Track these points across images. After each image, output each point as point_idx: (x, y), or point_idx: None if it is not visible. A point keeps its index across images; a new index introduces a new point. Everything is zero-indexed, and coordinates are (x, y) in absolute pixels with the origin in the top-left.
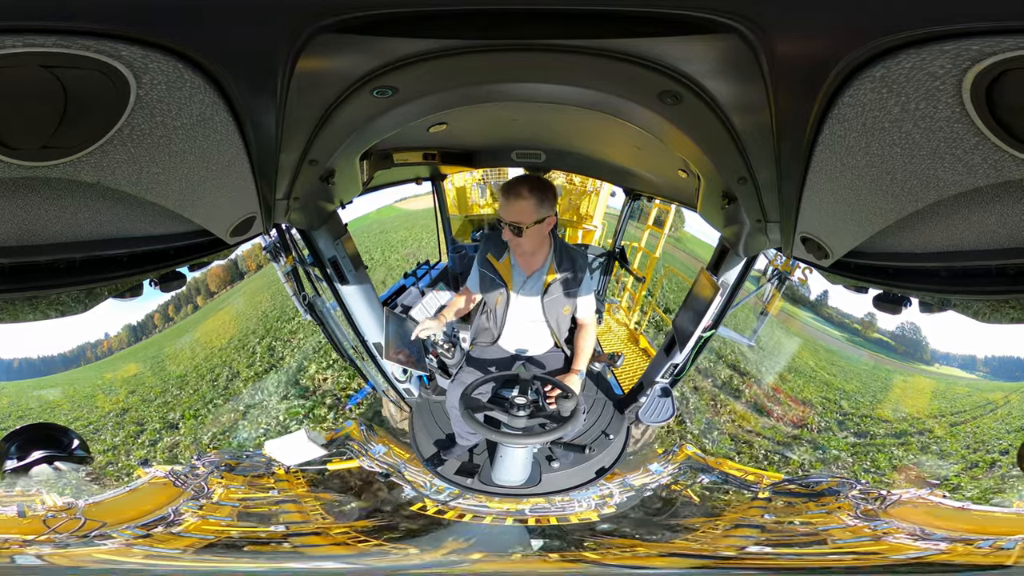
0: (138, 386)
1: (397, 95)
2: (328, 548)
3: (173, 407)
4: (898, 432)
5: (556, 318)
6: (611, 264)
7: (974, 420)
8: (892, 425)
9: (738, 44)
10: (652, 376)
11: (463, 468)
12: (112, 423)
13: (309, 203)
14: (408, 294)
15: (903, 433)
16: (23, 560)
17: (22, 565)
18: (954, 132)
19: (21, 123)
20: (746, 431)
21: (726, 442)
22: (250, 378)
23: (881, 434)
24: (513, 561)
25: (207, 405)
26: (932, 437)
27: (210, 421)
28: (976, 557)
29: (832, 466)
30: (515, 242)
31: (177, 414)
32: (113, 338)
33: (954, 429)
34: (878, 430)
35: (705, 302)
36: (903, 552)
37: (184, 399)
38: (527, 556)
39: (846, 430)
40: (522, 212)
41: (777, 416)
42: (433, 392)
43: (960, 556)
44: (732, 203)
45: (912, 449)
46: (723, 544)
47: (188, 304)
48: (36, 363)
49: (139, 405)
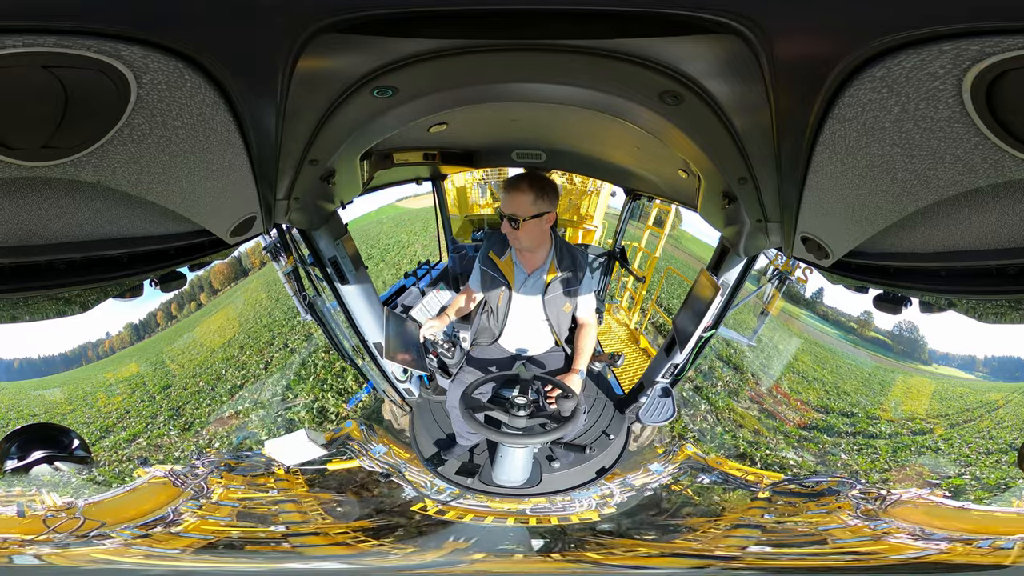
0: (140, 385)
1: (397, 95)
2: (328, 548)
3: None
4: (898, 432)
5: (557, 316)
6: (611, 264)
7: (974, 420)
8: (892, 425)
9: (739, 44)
10: (652, 376)
11: (463, 468)
12: (113, 422)
13: (309, 203)
14: (408, 294)
15: (903, 433)
16: (22, 560)
17: (22, 565)
18: (954, 132)
19: (22, 123)
20: (745, 430)
21: (726, 441)
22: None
23: (880, 434)
24: (514, 561)
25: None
26: (932, 437)
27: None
28: (975, 557)
29: (832, 466)
30: (513, 236)
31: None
32: (115, 337)
33: (954, 429)
34: (878, 430)
35: (705, 302)
36: (903, 552)
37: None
38: (528, 556)
39: (846, 430)
40: (520, 205)
41: (776, 416)
42: (433, 392)
43: (959, 556)
44: (732, 203)
45: (912, 449)
46: (724, 544)
47: (205, 292)
48: (37, 363)
49: (140, 404)
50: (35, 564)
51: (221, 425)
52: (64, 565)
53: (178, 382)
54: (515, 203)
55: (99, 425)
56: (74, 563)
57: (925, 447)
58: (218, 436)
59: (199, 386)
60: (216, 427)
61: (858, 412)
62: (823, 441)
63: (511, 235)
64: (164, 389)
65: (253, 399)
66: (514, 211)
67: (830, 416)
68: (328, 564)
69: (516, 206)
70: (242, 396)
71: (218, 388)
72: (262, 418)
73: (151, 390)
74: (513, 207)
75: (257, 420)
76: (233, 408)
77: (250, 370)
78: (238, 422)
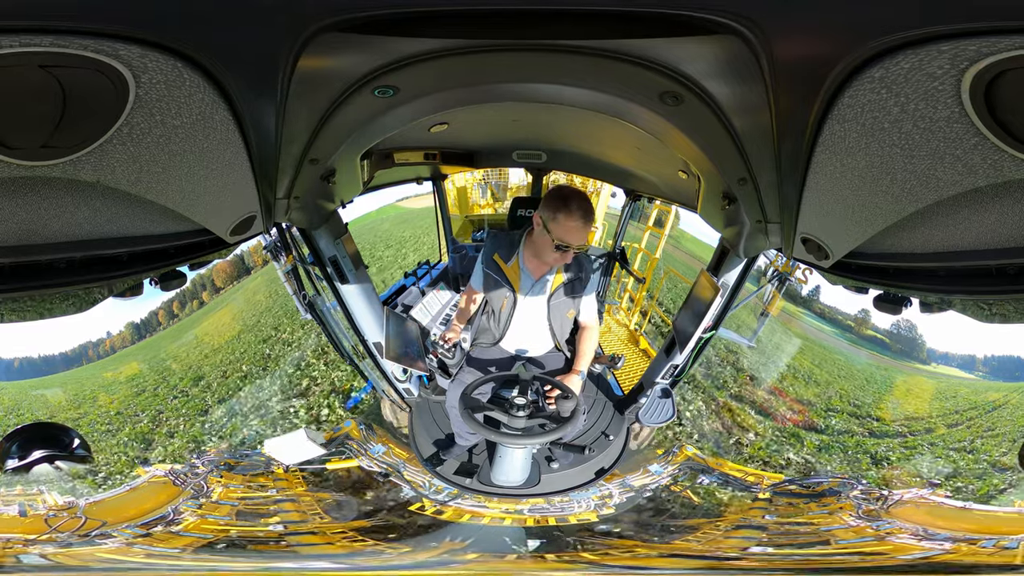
0: (141, 384)
1: (398, 95)
2: (325, 548)
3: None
4: (899, 432)
5: (559, 321)
6: (611, 265)
7: (975, 419)
8: (892, 425)
9: (739, 45)
10: (652, 377)
11: (462, 468)
12: (114, 421)
13: (309, 202)
14: (408, 294)
15: (904, 433)
16: (29, 559)
17: (29, 564)
18: (953, 132)
19: (20, 123)
20: (746, 431)
21: (725, 441)
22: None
23: (881, 434)
24: (508, 561)
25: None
26: (932, 437)
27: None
28: (982, 557)
29: (831, 465)
30: (561, 260)
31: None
32: (116, 336)
33: (954, 429)
34: (878, 430)
35: (705, 303)
36: (909, 552)
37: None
38: (523, 557)
39: (846, 430)
40: (587, 234)
41: (776, 416)
42: (433, 392)
43: (966, 556)
44: (732, 204)
45: (913, 449)
46: (725, 544)
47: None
48: (37, 363)
49: (141, 403)
50: (42, 564)
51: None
52: (68, 564)
53: (179, 381)
54: (589, 232)
55: (100, 424)
56: (81, 562)
57: (926, 447)
58: (218, 434)
59: (199, 385)
60: (216, 425)
61: (859, 412)
62: (824, 442)
63: (559, 260)
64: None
65: (254, 397)
66: (586, 241)
67: (831, 416)
68: (325, 564)
69: (588, 234)
70: (241, 395)
71: (218, 387)
72: (263, 417)
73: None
74: (586, 237)
75: (257, 419)
76: (234, 407)
77: (250, 369)
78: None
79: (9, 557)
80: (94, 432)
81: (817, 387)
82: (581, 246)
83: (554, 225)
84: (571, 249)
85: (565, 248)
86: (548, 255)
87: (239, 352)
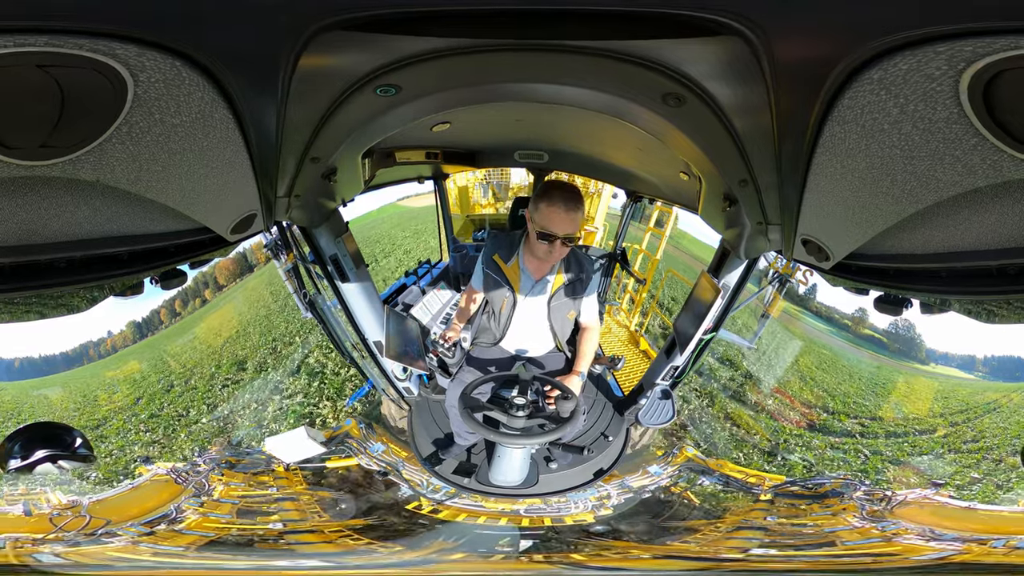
0: (142, 382)
1: (400, 94)
2: (323, 546)
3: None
4: (900, 432)
5: (560, 322)
6: (612, 266)
7: (975, 419)
8: (894, 425)
9: (740, 46)
10: (652, 378)
11: (461, 467)
12: (116, 419)
13: (310, 201)
14: (409, 292)
15: (905, 433)
16: (42, 559)
17: (42, 563)
18: (953, 133)
19: (19, 122)
20: (745, 431)
21: (724, 442)
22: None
23: (882, 434)
24: (495, 562)
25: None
26: (934, 437)
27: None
28: (996, 557)
29: (832, 465)
30: (552, 254)
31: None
32: (117, 335)
33: (955, 428)
34: (880, 430)
35: (706, 304)
36: (920, 553)
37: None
38: (514, 557)
39: (847, 430)
40: (576, 222)
41: (776, 416)
42: (433, 391)
43: (979, 556)
44: (733, 205)
45: (915, 449)
46: (725, 546)
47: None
48: (37, 362)
49: (143, 402)
50: (57, 563)
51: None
52: (85, 563)
53: (179, 380)
54: (573, 221)
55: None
56: (94, 561)
57: (928, 447)
58: (219, 433)
59: (199, 384)
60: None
61: (860, 412)
62: (824, 442)
63: (550, 253)
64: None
65: (254, 397)
66: (571, 230)
67: (831, 416)
68: (323, 562)
69: (574, 224)
70: (242, 395)
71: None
72: (263, 415)
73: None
74: (570, 226)
75: (258, 417)
76: (232, 406)
77: (251, 367)
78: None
79: (25, 556)
80: (96, 431)
81: (817, 388)
82: (567, 235)
83: (536, 215)
84: (556, 239)
85: (549, 237)
86: (537, 249)
87: (240, 350)
